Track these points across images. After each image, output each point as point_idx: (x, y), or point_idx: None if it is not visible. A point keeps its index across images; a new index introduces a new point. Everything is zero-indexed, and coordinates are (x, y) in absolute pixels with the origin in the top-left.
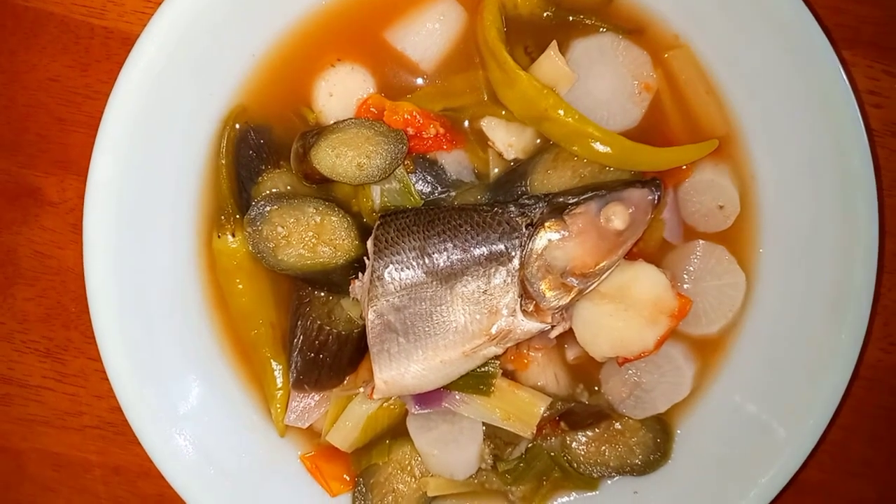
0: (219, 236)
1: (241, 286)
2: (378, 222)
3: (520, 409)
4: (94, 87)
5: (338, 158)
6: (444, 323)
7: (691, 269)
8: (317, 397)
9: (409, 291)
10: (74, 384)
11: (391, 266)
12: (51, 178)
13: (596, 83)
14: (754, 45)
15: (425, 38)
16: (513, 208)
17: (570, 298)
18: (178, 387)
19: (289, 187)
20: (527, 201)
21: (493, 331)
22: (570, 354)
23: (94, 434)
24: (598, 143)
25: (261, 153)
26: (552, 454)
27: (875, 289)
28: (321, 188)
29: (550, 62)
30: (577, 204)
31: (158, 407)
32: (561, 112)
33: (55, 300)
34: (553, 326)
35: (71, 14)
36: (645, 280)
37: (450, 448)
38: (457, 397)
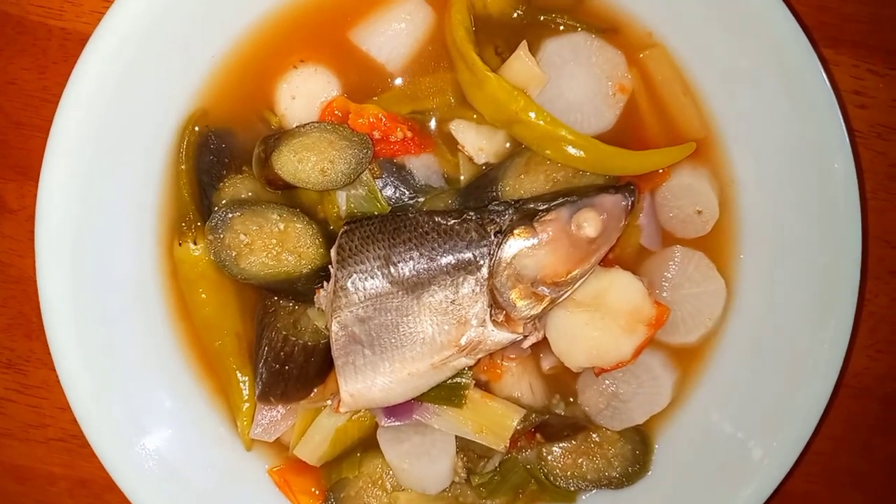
0: (180, 244)
1: (204, 296)
2: (342, 230)
3: (493, 421)
4: (51, 90)
5: (300, 164)
6: (410, 334)
7: (669, 276)
8: (283, 410)
9: (374, 302)
10: (37, 395)
11: (355, 276)
12: (9, 185)
13: (568, 84)
14: (732, 45)
15: (391, 38)
16: (481, 215)
17: (541, 308)
18: (140, 400)
19: (251, 193)
20: (496, 207)
21: (463, 342)
22: (546, 364)
23: (59, 447)
24: (571, 147)
25: (222, 158)
26: (528, 466)
27: (860, 295)
28: (286, 194)
29: (521, 63)
30: (547, 210)
31: (119, 421)
32: (532, 115)
33: (16, 310)
34: (525, 336)
35: (27, 15)
36: (621, 288)
37: (422, 461)
38: (428, 409)
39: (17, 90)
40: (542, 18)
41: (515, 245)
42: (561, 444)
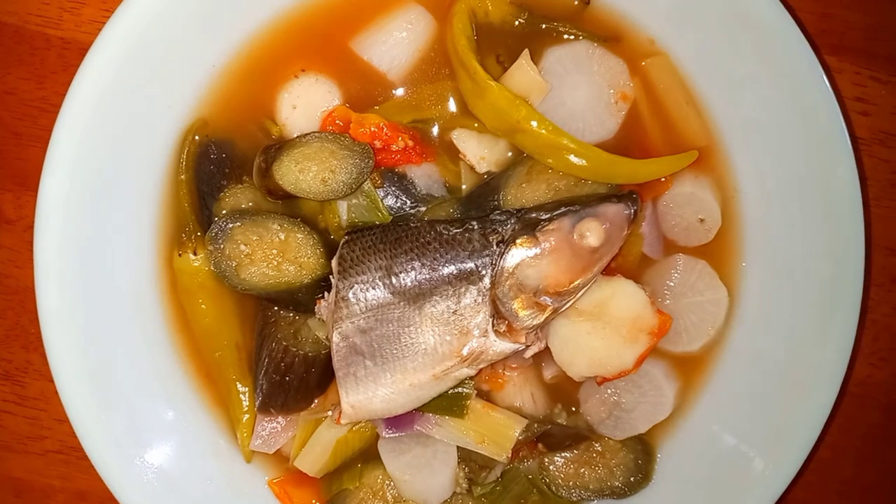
0: (179, 254)
1: (203, 306)
2: (343, 240)
3: (495, 431)
4: (50, 99)
5: (301, 174)
6: (412, 345)
7: (672, 284)
8: (284, 421)
9: (376, 313)
10: (35, 407)
11: (356, 286)
12: (7, 195)
13: (571, 93)
14: (735, 52)
15: (393, 47)
16: (483, 225)
17: (544, 318)
18: (139, 411)
19: (252, 203)
20: (498, 217)
21: (465, 352)
22: (548, 373)
23: (57, 459)
24: (573, 156)
25: (222, 168)
26: (530, 477)
27: (863, 303)
28: (286, 204)
29: (523, 72)
30: (549, 220)
31: (117, 433)
32: (534, 123)
33: (14, 321)
34: (527, 346)
35: (26, 24)
36: (624, 297)
37: (423, 472)
38: (430, 420)
39: (15, 100)
40: (543, 27)
41: (518, 255)
42: (563, 454)
